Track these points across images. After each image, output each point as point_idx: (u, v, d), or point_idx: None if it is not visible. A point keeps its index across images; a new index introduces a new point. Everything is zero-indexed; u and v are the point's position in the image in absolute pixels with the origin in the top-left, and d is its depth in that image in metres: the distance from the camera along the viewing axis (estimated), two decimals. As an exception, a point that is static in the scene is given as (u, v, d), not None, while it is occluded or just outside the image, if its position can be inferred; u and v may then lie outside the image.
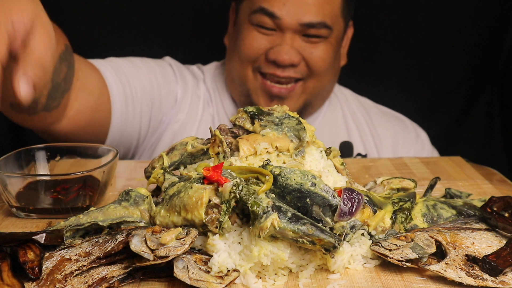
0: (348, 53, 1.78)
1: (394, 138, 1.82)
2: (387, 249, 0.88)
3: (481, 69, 2.23)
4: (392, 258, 0.87)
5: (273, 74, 1.59)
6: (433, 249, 0.88)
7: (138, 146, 1.68)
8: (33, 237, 0.86)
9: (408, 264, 0.87)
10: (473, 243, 0.91)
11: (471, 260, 0.88)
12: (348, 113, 1.83)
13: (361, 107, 1.87)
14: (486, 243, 0.92)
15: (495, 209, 0.99)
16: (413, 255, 0.87)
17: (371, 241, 0.92)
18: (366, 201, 0.94)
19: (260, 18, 1.57)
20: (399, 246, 0.89)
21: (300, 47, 1.57)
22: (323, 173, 0.98)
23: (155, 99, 1.64)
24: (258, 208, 0.84)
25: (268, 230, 0.83)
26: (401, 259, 0.87)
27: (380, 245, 0.89)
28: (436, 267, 0.86)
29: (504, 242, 0.93)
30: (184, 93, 1.73)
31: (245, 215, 0.89)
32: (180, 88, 1.72)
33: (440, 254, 0.90)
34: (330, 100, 1.82)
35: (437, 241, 0.90)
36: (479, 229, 0.96)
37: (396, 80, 2.19)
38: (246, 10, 1.63)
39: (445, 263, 0.87)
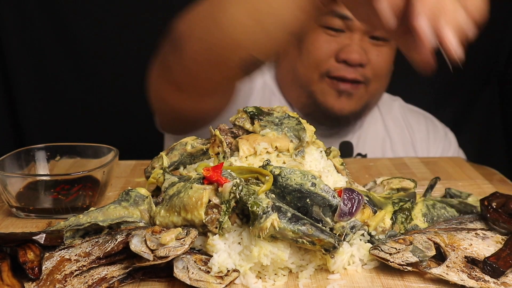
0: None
1: (426, 136, 1.85)
2: (387, 253, 0.88)
3: (481, 69, 2.23)
4: (393, 262, 0.87)
5: (342, 76, 1.58)
6: (432, 252, 0.88)
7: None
8: (33, 237, 0.86)
9: (410, 268, 0.87)
10: (471, 244, 0.91)
11: (471, 262, 0.88)
12: (386, 112, 1.85)
13: (395, 104, 1.89)
14: (483, 244, 0.92)
15: (494, 204, 0.99)
16: (414, 259, 0.86)
17: (370, 244, 0.92)
18: (366, 201, 0.94)
19: (330, 20, 1.57)
20: (399, 249, 0.88)
21: (368, 49, 1.59)
22: (323, 173, 0.98)
23: None
24: (258, 208, 0.84)
25: (268, 230, 0.83)
26: (402, 263, 0.86)
27: (379, 249, 0.89)
28: (437, 271, 0.86)
29: (501, 240, 0.93)
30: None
31: (245, 215, 0.89)
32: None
33: (439, 256, 0.89)
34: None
35: (435, 243, 0.90)
36: (474, 229, 0.96)
37: (396, 80, 2.18)
38: (312, 11, 1.59)
39: (446, 266, 0.87)
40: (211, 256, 0.86)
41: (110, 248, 0.85)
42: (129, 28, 2.11)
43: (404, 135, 1.82)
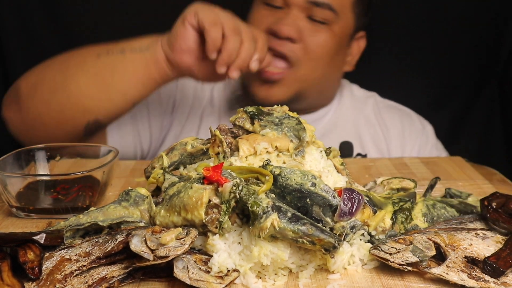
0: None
1: (401, 131, 1.82)
2: (387, 253, 0.88)
3: (481, 69, 2.23)
4: (393, 262, 0.87)
5: (270, 46, 1.55)
6: (433, 252, 0.88)
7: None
8: (33, 237, 0.86)
9: (410, 268, 0.87)
10: (471, 244, 0.91)
11: (471, 261, 0.88)
12: (358, 109, 1.83)
13: (369, 101, 1.87)
14: (483, 243, 0.92)
15: (494, 204, 0.99)
16: (414, 259, 0.86)
17: (370, 244, 0.92)
18: (366, 201, 0.94)
19: None
20: (399, 249, 0.88)
21: (302, 26, 1.56)
22: (323, 173, 0.98)
23: None
24: (258, 208, 0.84)
25: (268, 230, 0.84)
26: (402, 263, 0.86)
27: (379, 249, 0.89)
28: (437, 270, 0.86)
29: (501, 240, 0.93)
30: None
31: (245, 215, 0.89)
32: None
33: (439, 256, 0.89)
34: (339, 99, 1.82)
35: (435, 243, 0.90)
36: (474, 229, 0.96)
37: (396, 81, 2.18)
38: None
39: (446, 265, 0.87)
40: (211, 256, 0.86)
41: (110, 248, 0.85)
42: (129, 28, 2.11)
43: (376, 133, 1.79)
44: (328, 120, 1.77)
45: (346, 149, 1.73)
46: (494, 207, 0.98)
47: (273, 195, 0.90)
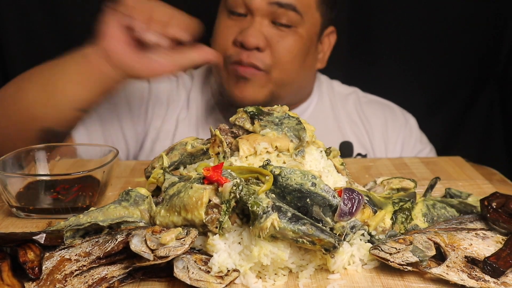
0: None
1: (384, 126, 1.81)
2: (387, 253, 0.88)
3: (481, 69, 2.23)
4: (393, 262, 0.87)
5: (238, 60, 1.56)
6: (433, 252, 0.88)
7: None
8: (33, 237, 0.86)
9: (410, 268, 0.87)
10: (471, 244, 0.91)
11: (471, 261, 0.88)
12: (339, 105, 1.82)
13: (350, 97, 1.86)
14: (483, 243, 0.92)
15: (494, 204, 0.99)
16: (414, 259, 0.86)
17: (370, 244, 0.92)
18: (366, 201, 0.94)
19: (233, 2, 1.57)
20: (399, 249, 0.88)
21: (268, 33, 1.56)
22: (323, 173, 0.98)
23: None
24: (258, 208, 0.84)
25: (268, 230, 0.84)
26: (402, 263, 0.86)
27: (379, 249, 0.89)
28: (437, 270, 0.86)
29: (501, 240, 0.93)
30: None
31: (245, 215, 0.89)
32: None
33: (439, 256, 0.89)
34: (319, 95, 1.81)
35: (435, 243, 0.90)
36: (474, 229, 0.96)
37: (396, 81, 2.18)
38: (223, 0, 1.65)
39: (446, 265, 0.87)
40: (211, 256, 0.86)
41: (110, 248, 0.85)
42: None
43: (358, 128, 1.79)
44: (309, 116, 1.77)
45: (346, 149, 1.73)
46: (494, 207, 0.98)
47: (273, 195, 0.90)
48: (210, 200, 0.86)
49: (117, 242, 0.85)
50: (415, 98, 2.16)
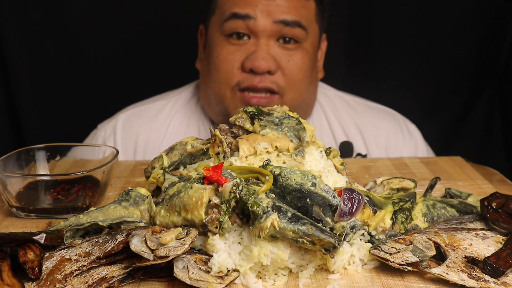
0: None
1: (386, 137, 1.78)
2: (387, 253, 0.88)
3: (481, 69, 2.23)
4: (393, 262, 0.87)
5: (251, 86, 1.51)
6: (433, 252, 0.88)
7: None
8: (33, 237, 0.86)
9: (410, 268, 0.87)
10: (471, 244, 0.91)
11: (471, 261, 0.88)
12: (332, 115, 1.79)
13: (346, 106, 1.83)
14: (483, 244, 0.92)
15: (494, 204, 0.99)
16: (414, 259, 0.86)
17: (370, 244, 0.92)
18: (366, 201, 0.94)
19: (233, 25, 1.51)
20: (399, 249, 0.88)
21: (276, 54, 1.52)
22: (323, 173, 0.98)
23: None
24: (258, 208, 0.84)
25: (268, 230, 0.83)
26: (402, 263, 0.86)
27: (379, 249, 0.89)
28: (437, 270, 0.86)
29: (501, 240, 0.93)
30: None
31: (245, 215, 0.89)
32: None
33: (439, 256, 0.89)
34: (320, 107, 1.80)
35: (435, 243, 0.90)
36: (474, 229, 0.96)
37: (396, 81, 2.19)
38: (216, 23, 1.57)
39: (446, 265, 0.87)
40: (211, 256, 0.86)
41: (110, 248, 0.85)
42: (130, 28, 2.11)
43: (350, 131, 1.76)
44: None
45: (346, 149, 1.73)
46: (494, 207, 0.98)
47: (273, 195, 0.90)
48: (210, 200, 0.86)
49: (117, 242, 0.85)
50: (416, 98, 2.16)
